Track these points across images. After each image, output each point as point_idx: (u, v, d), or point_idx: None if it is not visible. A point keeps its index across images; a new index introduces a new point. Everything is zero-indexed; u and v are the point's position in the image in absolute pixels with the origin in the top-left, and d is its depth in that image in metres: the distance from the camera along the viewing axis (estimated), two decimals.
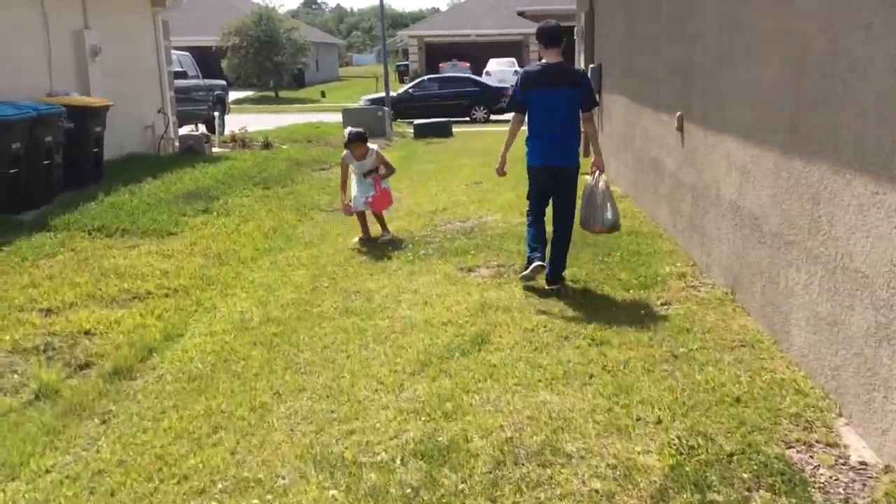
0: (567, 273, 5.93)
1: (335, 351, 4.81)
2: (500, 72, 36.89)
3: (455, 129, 20.67)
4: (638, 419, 3.65)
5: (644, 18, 8.06)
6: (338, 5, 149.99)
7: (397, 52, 64.14)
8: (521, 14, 47.12)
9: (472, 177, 11.69)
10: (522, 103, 5.67)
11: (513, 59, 40.24)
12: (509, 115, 6.03)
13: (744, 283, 4.94)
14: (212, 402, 4.16)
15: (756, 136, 4.66)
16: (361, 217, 7.93)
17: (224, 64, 39.36)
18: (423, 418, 3.81)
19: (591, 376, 4.17)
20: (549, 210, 5.90)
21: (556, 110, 5.54)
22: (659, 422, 3.60)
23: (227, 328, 5.36)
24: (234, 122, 19.92)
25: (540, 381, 4.15)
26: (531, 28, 46.29)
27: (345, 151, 7.93)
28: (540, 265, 5.63)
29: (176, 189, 10.30)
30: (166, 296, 6.17)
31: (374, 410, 3.95)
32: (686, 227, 6.33)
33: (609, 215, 5.76)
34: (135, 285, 6.36)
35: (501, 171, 6.17)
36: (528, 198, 5.91)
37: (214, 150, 14.89)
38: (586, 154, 9.65)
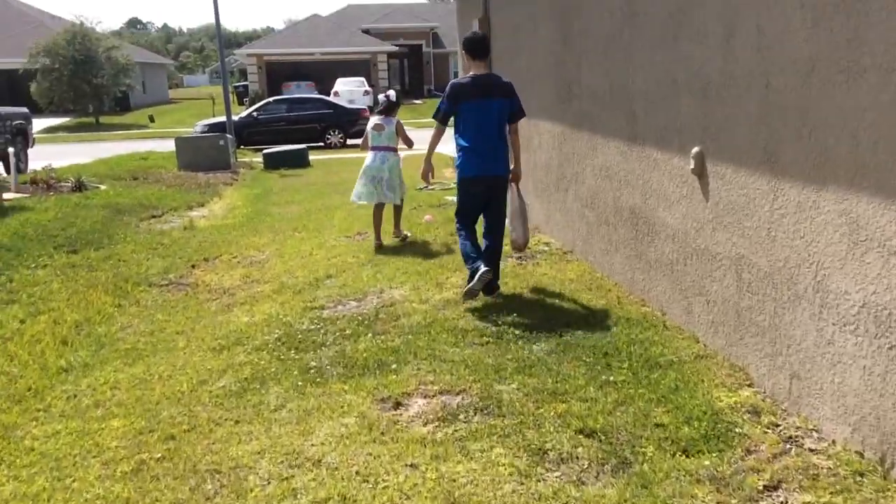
0: (566, 412, 3.68)
1: None
2: (350, 92, 34.48)
3: (311, 157, 18.03)
4: None
5: (595, 17, 5.95)
6: (165, 25, 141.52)
7: (233, 72, 60.31)
8: (366, 31, 45.01)
9: (352, 224, 9.20)
10: (448, 114, 5.65)
11: (362, 79, 37.89)
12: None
13: None
14: None
15: None
16: (378, 216, 7.88)
17: (33, 88, 34.57)
18: None
19: None
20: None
21: (490, 121, 5.55)
22: None
23: None
24: (44, 156, 16.40)
25: None
26: (378, 46, 44.69)
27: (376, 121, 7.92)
28: (487, 270, 5.45)
29: None
30: None
31: None
32: (725, 321, 4.21)
33: (516, 235, 5.95)
34: None
35: (426, 175, 6.06)
36: (457, 214, 5.90)
37: (7, 196, 11.53)
38: None
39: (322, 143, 22.71)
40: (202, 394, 4.39)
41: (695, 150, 4.36)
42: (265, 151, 17.86)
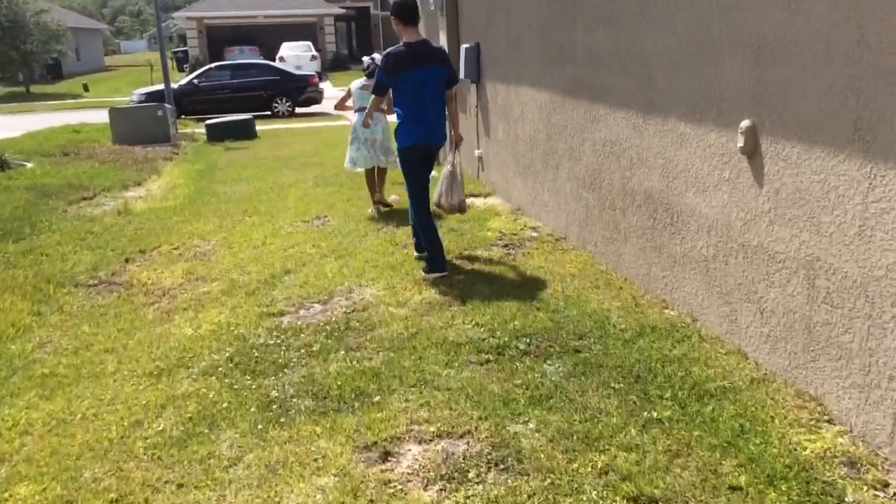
0: (608, 467, 2.86)
1: None
2: (296, 57, 32.98)
3: (258, 128, 16.83)
4: None
5: None
6: None
7: (172, 37, 57.72)
8: None
9: (310, 206, 8.22)
10: (387, 86, 5.57)
11: (308, 44, 36.34)
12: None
13: None
14: None
15: None
16: (372, 179, 7.67)
17: None
18: None
19: None
20: None
21: (427, 90, 5.47)
22: None
23: None
24: None
25: None
26: (325, 8, 42.81)
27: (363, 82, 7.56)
28: (444, 275, 5.44)
29: None
30: None
31: None
32: (788, 337, 3.42)
33: (457, 199, 5.88)
34: None
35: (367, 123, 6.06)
36: (408, 180, 5.67)
37: None
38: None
39: (269, 112, 21.45)
40: (135, 442, 3.47)
41: (745, 123, 3.54)
42: (208, 122, 16.61)
